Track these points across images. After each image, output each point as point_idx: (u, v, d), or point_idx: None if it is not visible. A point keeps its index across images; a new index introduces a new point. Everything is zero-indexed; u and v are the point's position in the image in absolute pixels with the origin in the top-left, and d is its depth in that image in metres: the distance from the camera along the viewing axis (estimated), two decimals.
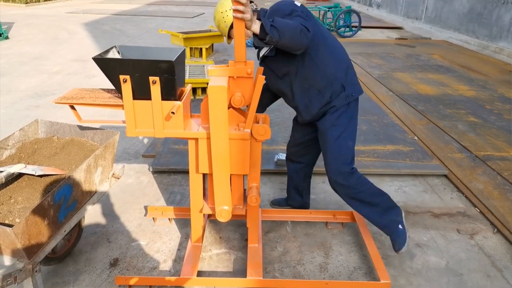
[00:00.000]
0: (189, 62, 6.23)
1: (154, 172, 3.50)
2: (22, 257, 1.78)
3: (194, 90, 5.45)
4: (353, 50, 8.71)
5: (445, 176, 3.54)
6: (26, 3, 16.14)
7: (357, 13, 10.50)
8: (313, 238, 2.71)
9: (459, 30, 9.86)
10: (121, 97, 2.05)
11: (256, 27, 1.92)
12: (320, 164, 3.10)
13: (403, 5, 13.23)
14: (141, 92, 2.00)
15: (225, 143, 2.04)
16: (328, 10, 10.84)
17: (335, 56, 2.28)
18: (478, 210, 3.06)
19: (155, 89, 1.97)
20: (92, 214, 2.90)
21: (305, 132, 2.60)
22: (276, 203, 3.01)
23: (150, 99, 2.00)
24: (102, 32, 10.50)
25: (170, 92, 2.00)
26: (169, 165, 3.50)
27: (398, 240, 2.38)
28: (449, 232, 2.81)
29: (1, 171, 2.05)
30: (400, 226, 2.40)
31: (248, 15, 1.84)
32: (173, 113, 1.96)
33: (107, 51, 2.14)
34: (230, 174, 2.18)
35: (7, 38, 9.28)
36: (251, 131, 2.10)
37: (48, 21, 12.25)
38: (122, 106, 2.05)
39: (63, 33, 10.20)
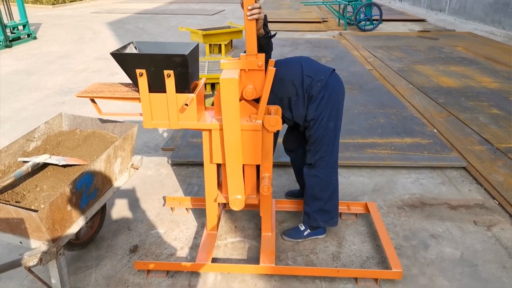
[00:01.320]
0: (208, 58, 6.33)
1: (172, 165, 3.61)
2: (47, 240, 1.90)
3: (213, 85, 5.55)
4: (373, 43, 8.61)
5: (464, 168, 3.49)
6: (53, 4, 16.66)
7: (378, 6, 10.35)
8: (326, 228, 2.74)
9: (485, 21, 9.58)
10: (138, 91, 2.15)
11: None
12: None
13: None
14: (157, 85, 2.08)
15: (237, 134, 2.10)
16: (348, 4, 10.73)
17: (286, 64, 2.36)
18: (497, 202, 3.02)
19: (170, 82, 2.05)
20: (114, 204, 3.03)
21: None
22: (290, 194, 3.06)
23: (165, 92, 2.09)
24: (125, 31, 10.75)
25: (184, 85, 2.08)
26: (187, 157, 3.60)
27: (295, 233, 2.61)
28: (465, 224, 2.79)
29: (27, 161, 2.19)
30: (308, 230, 2.60)
31: (262, 15, 2.04)
32: (186, 105, 2.04)
33: (125, 47, 2.24)
34: (243, 164, 2.25)
35: (35, 38, 9.64)
36: (262, 122, 2.16)
37: (74, 21, 12.63)
38: (139, 99, 2.15)
39: (88, 33, 10.50)
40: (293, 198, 3.00)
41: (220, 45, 7.53)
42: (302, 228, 2.60)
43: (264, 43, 2.19)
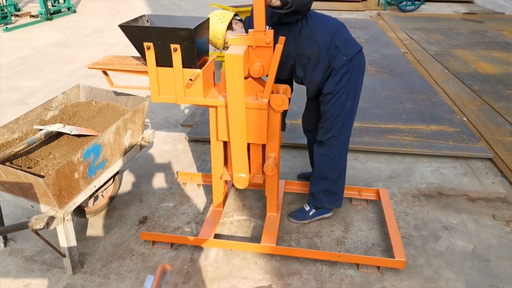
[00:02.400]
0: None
1: (190, 141, 3.65)
2: (54, 205, 1.99)
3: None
4: (412, 25, 8.21)
5: (490, 160, 3.31)
6: None
7: None
8: (335, 213, 2.70)
9: None
10: (146, 64, 2.16)
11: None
12: (351, 140, 3.06)
13: None
14: (164, 60, 2.09)
15: (242, 112, 2.08)
16: None
17: (322, 24, 2.26)
18: None
19: (176, 57, 2.04)
20: (129, 175, 3.12)
21: (317, 103, 2.52)
22: (302, 177, 3.03)
23: (172, 66, 2.09)
24: (160, 6, 10.83)
25: (190, 60, 2.07)
26: (204, 134, 3.62)
27: (301, 214, 2.59)
28: (482, 217, 2.66)
29: (42, 129, 2.28)
30: (313, 210, 2.57)
31: None
32: (191, 80, 2.03)
33: (137, 20, 2.25)
34: (249, 143, 2.23)
35: (74, 12, 9.92)
36: (269, 101, 2.12)
37: None
38: (147, 72, 2.16)
39: (125, 8, 10.67)
40: (304, 181, 2.96)
41: None
42: (307, 208, 2.58)
43: (282, 15, 2.09)
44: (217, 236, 2.47)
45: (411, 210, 2.74)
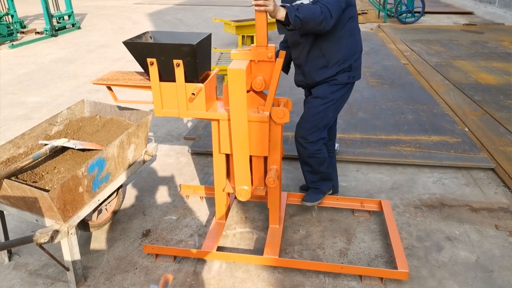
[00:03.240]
0: (221, 49, 6.34)
1: (192, 154, 3.68)
2: (58, 219, 2.01)
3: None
4: (412, 37, 8.29)
5: (492, 170, 3.32)
6: None
7: None
8: (337, 224, 2.71)
9: None
10: (150, 79, 2.20)
11: (281, 14, 2.03)
12: (352, 152, 3.07)
13: None
14: (167, 75, 2.13)
15: (244, 125, 2.11)
16: None
17: (354, 38, 2.40)
18: None
19: (179, 72, 2.09)
20: (132, 189, 3.14)
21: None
22: (305, 188, 3.02)
23: (175, 81, 2.13)
24: (164, 22, 10.99)
25: (193, 75, 2.12)
26: (206, 147, 3.65)
27: (311, 195, 2.68)
28: (485, 228, 2.66)
29: (47, 144, 2.31)
30: (321, 195, 2.70)
31: (270, 7, 1.96)
32: (193, 94, 2.07)
33: (140, 36, 2.30)
34: (251, 156, 2.26)
35: (79, 28, 10.08)
36: (270, 114, 2.15)
37: (117, 11, 13.06)
38: (150, 87, 2.20)
39: (129, 23, 10.83)
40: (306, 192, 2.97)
41: (252, 36, 7.53)
42: (315, 192, 2.71)
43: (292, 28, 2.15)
44: (220, 248, 2.48)
45: (413, 221, 2.74)
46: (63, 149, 2.45)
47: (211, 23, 10.41)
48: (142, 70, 2.39)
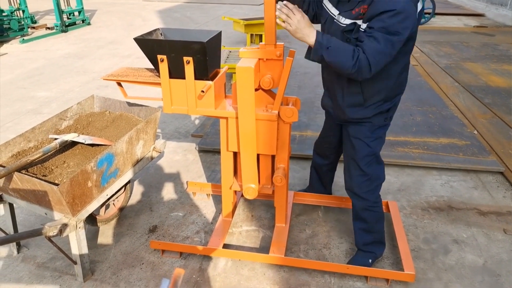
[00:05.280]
0: (230, 48, 6.34)
1: (199, 151, 3.69)
2: (67, 213, 2.03)
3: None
4: (422, 38, 8.22)
5: (501, 173, 3.29)
6: None
7: None
8: (344, 225, 2.70)
9: None
10: (160, 76, 2.21)
11: (310, 40, 1.82)
12: None
13: None
14: (177, 72, 2.14)
15: (252, 123, 2.11)
16: None
17: (400, 80, 2.04)
18: None
19: (189, 69, 2.10)
20: (140, 185, 3.16)
21: (335, 132, 2.46)
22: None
23: (184, 78, 2.14)
24: (173, 19, 11.01)
25: (202, 72, 2.12)
26: (214, 145, 3.66)
27: (360, 259, 2.30)
28: (493, 231, 2.64)
29: (57, 138, 2.33)
30: (372, 259, 2.31)
31: (291, 27, 1.83)
32: (203, 91, 2.08)
33: (151, 33, 2.31)
34: (258, 154, 2.26)
35: (89, 24, 10.13)
36: (278, 112, 2.15)
37: (127, 8, 13.10)
38: (160, 84, 2.21)
39: (138, 20, 10.87)
40: None
41: (261, 35, 7.53)
42: (362, 256, 2.35)
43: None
44: (226, 246, 2.49)
45: (420, 223, 2.73)
46: (73, 143, 2.47)
47: (220, 21, 10.42)
48: (151, 67, 2.40)
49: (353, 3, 1.88)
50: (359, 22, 1.86)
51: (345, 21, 1.92)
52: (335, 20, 1.98)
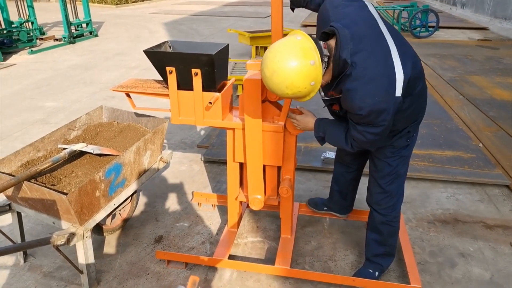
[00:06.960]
0: (236, 60, 6.41)
1: (205, 162, 3.71)
2: (75, 222, 2.05)
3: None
4: (426, 51, 8.28)
5: (507, 186, 3.28)
6: (116, 4, 17.66)
7: (435, 13, 9.91)
8: (349, 237, 2.70)
9: None
10: (168, 88, 2.25)
11: (308, 127, 2.12)
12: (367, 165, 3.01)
13: (490, 3, 12.20)
14: (185, 83, 2.18)
15: (258, 134, 2.13)
16: (404, 9, 10.38)
17: (421, 100, 1.97)
18: None
19: (197, 81, 2.13)
20: (145, 195, 3.18)
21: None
22: (313, 204, 2.88)
23: (192, 89, 2.17)
24: (179, 31, 11.15)
25: (210, 84, 2.16)
26: (219, 156, 3.68)
27: (366, 272, 2.29)
28: (500, 245, 2.63)
29: (65, 148, 2.36)
30: (377, 273, 2.29)
31: (297, 128, 2.16)
32: (210, 103, 2.11)
33: (160, 45, 2.35)
34: (264, 165, 2.28)
35: (96, 36, 10.29)
36: (284, 124, 2.18)
37: (133, 21, 13.30)
38: (168, 95, 2.25)
39: (145, 32, 11.02)
40: (314, 209, 2.85)
41: (266, 47, 7.60)
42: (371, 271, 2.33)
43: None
44: (231, 257, 2.49)
45: (426, 236, 2.72)
46: (81, 153, 2.50)
47: (225, 34, 10.53)
48: (158, 78, 2.44)
49: (328, 86, 1.86)
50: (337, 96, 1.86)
51: (325, 96, 1.98)
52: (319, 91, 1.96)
